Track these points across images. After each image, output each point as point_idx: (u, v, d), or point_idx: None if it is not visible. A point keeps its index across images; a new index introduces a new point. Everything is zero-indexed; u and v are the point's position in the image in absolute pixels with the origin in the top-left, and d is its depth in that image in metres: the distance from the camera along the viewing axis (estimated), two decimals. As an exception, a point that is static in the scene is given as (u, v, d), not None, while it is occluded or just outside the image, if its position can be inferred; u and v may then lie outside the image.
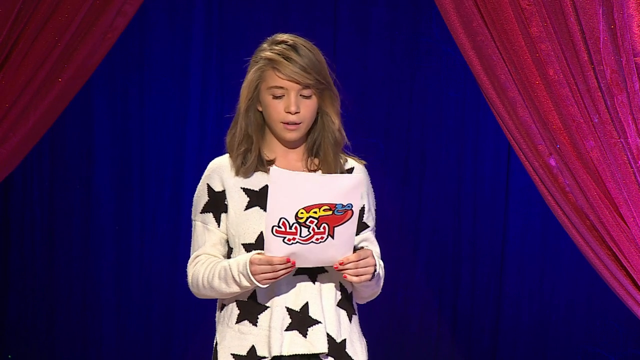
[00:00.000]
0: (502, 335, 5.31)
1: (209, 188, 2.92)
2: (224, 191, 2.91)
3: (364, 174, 2.97)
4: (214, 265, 2.87)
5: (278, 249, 2.73)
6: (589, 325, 5.24)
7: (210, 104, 5.26)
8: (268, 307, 2.85)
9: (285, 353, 2.83)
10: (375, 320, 5.18)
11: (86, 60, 3.84)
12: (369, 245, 2.95)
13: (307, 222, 2.71)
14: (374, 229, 2.99)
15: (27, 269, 5.28)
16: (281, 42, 2.88)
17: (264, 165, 2.91)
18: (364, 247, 2.92)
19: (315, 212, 2.71)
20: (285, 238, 2.71)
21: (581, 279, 5.20)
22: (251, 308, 2.87)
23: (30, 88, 3.81)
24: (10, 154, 3.86)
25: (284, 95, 2.87)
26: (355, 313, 2.96)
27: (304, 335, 2.84)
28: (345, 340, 2.89)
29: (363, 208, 2.94)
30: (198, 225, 2.93)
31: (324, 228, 2.73)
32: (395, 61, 5.27)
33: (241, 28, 5.20)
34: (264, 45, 2.91)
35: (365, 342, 2.96)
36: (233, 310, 2.89)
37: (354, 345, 2.91)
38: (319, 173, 2.91)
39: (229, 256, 2.92)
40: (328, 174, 2.85)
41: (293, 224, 2.71)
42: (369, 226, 2.96)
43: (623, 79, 3.67)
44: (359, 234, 2.91)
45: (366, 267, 2.80)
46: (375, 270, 2.84)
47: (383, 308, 5.21)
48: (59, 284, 5.28)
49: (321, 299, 2.86)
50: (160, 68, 5.24)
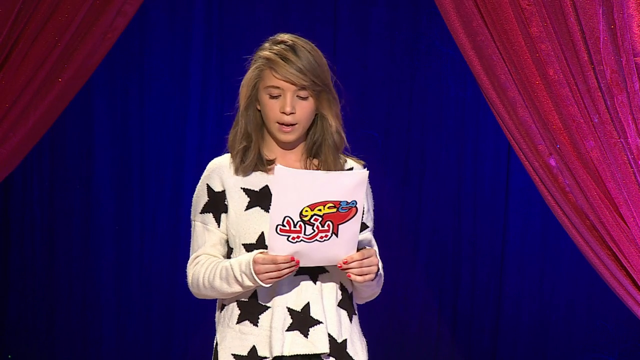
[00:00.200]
0: (502, 335, 5.31)
1: (209, 188, 2.92)
2: (223, 191, 2.91)
3: (364, 172, 2.98)
4: (215, 265, 2.86)
5: (282, 248, 2.72)
6: (589, 325, 5.24)
7: (210, 104, 5.26)
8: (269, 307, 2.85)
9: (286, 353, 2.82)
10: (375, 320, 5.18)
11: (86, 60, 3.84)
12: (367, 245, 2.95)
13: (312, 220, 2.70)
14: (373, 229, 3.00)
15: (27, 269, 5.28)
16: (281, 42, 2.89)
17: (263, 164, 2.91)
18: (366, 247, 2.92)
19: (319, 210, 2.70)
20: (289, 236, 2.71)
21: (581, 279, 5.20)
22: (252, 308, 2.86)
23: (30, 88, 3.81)
24: (10, 154, 3.86)
25: (280, 95, 2.87)
26: (356, 313, 2.96)
27: (305, 335, 2.84)
28: (346, 340, 2.89)
29: (362, 208, 2.94)
30: (198, 226, 2.93)
31: (328, 226, 2.72)
32: (395, 61, 5.27)
33: (241, 28, 5.20)
34: (265, 45, 2.91)
35: (365, 342, 2.96)
36: (233, 310, 2.89)
37: (355, 345, 2.91)
38: (314, 169, 2.91)
39: (229, 256, 2.91)
40: (332, 171, 2.85)
41: (297, 222, 2.70)
42: (368, 226, 2.97)
43: (623, 79, 3.66)
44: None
45: (370, 267, 2.80)
46: (378, 270, 2.84)
47: (383, 308, 5.21)
48: (59, 284, 5.28)
49: (322, 299, 2.86)
50: (160, 68, 5.24)
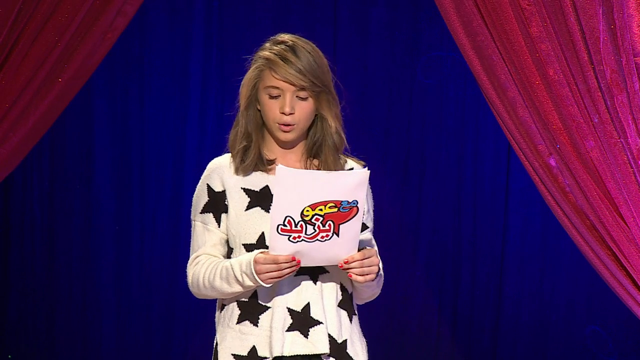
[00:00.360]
0: (502, 335, 5.31)
1: (209, 188, 2.92)
2: (224, 191, 2.91)
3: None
4: (215, 265, 2.86)
5: (283, 248, 2.72)
6: (589, 325, 5.24)
7: (210, 104, 5.26)
8: (269, 308, 2.85)
9: (286, 353, 2.82)
10: (375, 320, 5.18)
11: (86, 60, 3.84)
12: (368, 246, 2.95)
13: (313, 220, 2.71)
14: (373, 229, 3.00)
15: (27, 269, 5.28)
16: (281, 43, 2.89)
17: (264, 164, 2.91)
18: (367, 247, 2.92)
19: (320, 210, 2.70)
20: (290, 236, 2.71)
21: (581, 279, 5.20)
22: (252, 308, 2.86)
23: (30, 88, 3.81)
24: (10, 154, 3.85)
25: (280, 95, 2.87)
26: (356, 313, 2.96)
27: (306, 335, 2.84)
28: (346, 340, 2.89)
29: (363, 208, 2.94)
30: (198, 226, 2.93)
31: (329, 226, 2.72)
32: (395, 61, 5.27)
33: (241, 28, 5.20)
34: (265, 45, 2.92)
35: (365, 342, 2.97)
36: (234, 310, 2.89)
37: (355, 345, 2.91)
38: (314, 169, 2.91)
39: (229, 256, 2.91)
40: (333, 171, 2.85)
41: (299, 221, 2.70)
42: (368, 227, 2.97)
43: (623, 79, 3.66)
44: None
45: (371, 267, 2.80)
46: (379, 270, 2.84)
47: (383, 308, 5.21)
48: (59, 284, 5.28)
49: (322, 300, 2.86)
50: (160, 68, 5.24)
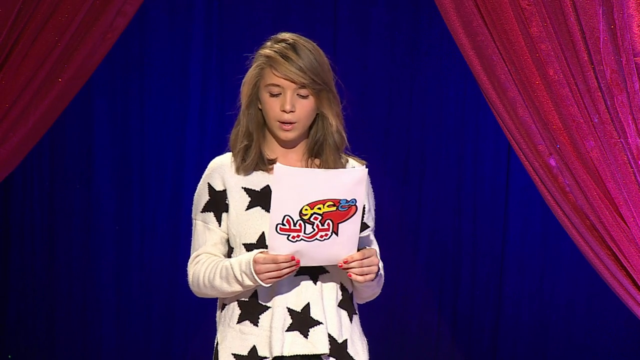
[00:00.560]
0: (502, 335, 5.31)
1: (210, 187, 2.92)
2: (224, 190, 2.91)
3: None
4: (215, 264, 2.87)
5: (282, 247, 2.72)
6: (588, 325, 5.24)
7: (210, 103, 5.26)
8: (269, 307, 2.85)
9: (286, 353, 2.82)
10: (375, 320, 5.17)
11: (86, 60, 3.84)
12: (368, 245, 2.95)
13: (312, 219, 2.70)
14: (374, 229, 3.00)
15: (27, 269, 5.28)
16: (282, 41, 2.89)
17: (265, 164, 2.91)
18: (366, 247, 2.92)
19: (319, 209, 2.70)
20: (289, 235, 2.71)
21: (581, 279, 5.20)
22: (252, 308, 2.86)
23: (30, 88, 3.81)
24: (10, 154, 3.85)
25: (280, 93, 2.87)
26: (356, 313, 2.96)
27: (305, 335, 2.84)
28: (346, 340, 2.89)
29: (363, 208, 2.94)
30: (199, 225, 2.93)
31: (328, 225, 2.72)
32: (395, 61, 5.27)
33: (241, 28, 5.20)
34: (267, 43, 2.92)
35: (366, 342, 2.96)
36: (234, 310, 2.89)
37: (355, 345, 2.91)
38: (316, 169, 2.92)
39: (230, 256, 2.91)
40: (332, 169, 2.85)
41: (297, 220, 2.70)
42: (369, 226, 2.97)
43: (623, 79, 3.66)
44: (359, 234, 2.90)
45: (370, 267, 2.80)
46: (379, 270, 2.84)
47: (383, 308, 5.21)
48: (59, 284, 5.28)
49: (322, 300, 2.86)
50: (160, 68, 5.24)
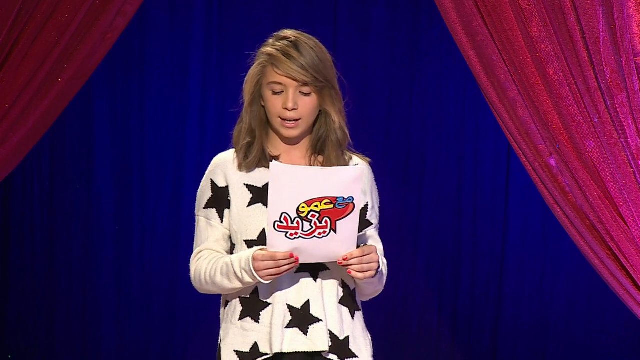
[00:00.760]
0: (502, 335, 5.31)
1: (213, 183, 2.93)
2: (227, 187, 2.91)
3: (368, 170, 2.98)
4: (216, 260, 2.87)
5: (281, 244, 2.72)
6: (588, 325, 5.24)
7: (210, 103, 5.25)
8: (270, 304, 2.86)
9: (286, 350, 2.83)
10: (376, 320, 5.14)
11: (86, 60, 3.84)
12: (372, 242, 2.96)
13: (309, 217, 2.71)
14: (378, 226, 3.00)
15: (27, 269, 5.28)
16: (284, 39, 2.89)
17: (267, 161, 2.91)
18: (367, 244, 2.92)
19: (316, 206, 2.70)
20: (287, 233, 2.71)
21: (581, 279, 5.20)
22: (253, 305, 2.87)
23: (30, 88, 3.81)
24: (10, 154, 3.86)
25: (283, 91, 2.87)
26: (359, 309, 2.96)
27: (305, 333, 2.84)
28: (348, 337, 2.89)
29: (366, 205, 2.94)
30: (201, 221, 2.94)
31: (326, 222, 2.72)
32: (395, 61, 5.27)
33: (241, 28, 5.20)
34: (269, 41, 2.92)
35: (369, 338, 2.97)
36: (236, 307, 2.89)
37: (357, 341, 2.91)
38: (319, 166, 2.92)
39: (232, 252, 2.92)
40: (328, 167, 2.85)
41: (295, 218, 2.70)
42: (372, 224, 2.97)
43: (623, 79, 3.66)
44: (362, 232, 2.90)
45: (370, 263, 2.80)
46: (379, 266, 2.84)
47: (383, 308, 5.21)
48: (59, 284, 5.28)
49: (323, 297, 2.86)
50: (160, 68, 5.24)
